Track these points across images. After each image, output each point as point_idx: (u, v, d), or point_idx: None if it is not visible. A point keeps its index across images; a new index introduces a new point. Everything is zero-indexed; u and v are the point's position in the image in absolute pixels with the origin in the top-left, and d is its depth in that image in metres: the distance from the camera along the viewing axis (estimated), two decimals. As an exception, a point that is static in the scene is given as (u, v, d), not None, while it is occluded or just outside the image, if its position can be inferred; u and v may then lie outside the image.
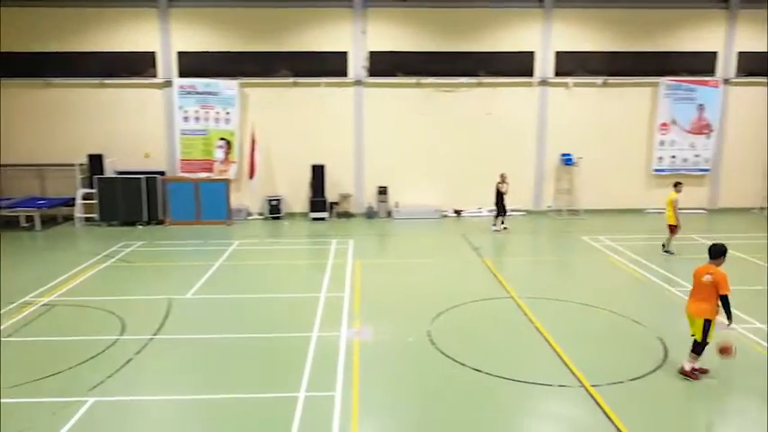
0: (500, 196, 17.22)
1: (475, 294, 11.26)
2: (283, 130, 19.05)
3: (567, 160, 19.45)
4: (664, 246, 14.59)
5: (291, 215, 19.33)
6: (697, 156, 20.05)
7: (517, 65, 19.26)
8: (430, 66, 19.10)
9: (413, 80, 19.06)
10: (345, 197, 19.44)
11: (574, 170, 19.59)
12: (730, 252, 8.25)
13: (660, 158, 19.94)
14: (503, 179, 17.31)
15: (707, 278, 7.75)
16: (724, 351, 7.62)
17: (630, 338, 9.40)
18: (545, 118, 19.55)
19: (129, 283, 12.21)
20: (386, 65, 19.05)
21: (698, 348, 7.76)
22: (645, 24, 19.26)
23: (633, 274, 12.94)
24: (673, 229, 14.36)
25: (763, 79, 19.77)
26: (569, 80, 19.36)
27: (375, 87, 19.07)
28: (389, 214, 19.40)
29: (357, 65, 18.93)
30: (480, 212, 19.65)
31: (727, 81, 19.74)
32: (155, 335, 9.33)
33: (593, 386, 7.59)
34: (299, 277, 13.02)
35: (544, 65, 19.28)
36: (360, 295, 11.29)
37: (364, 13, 18.62)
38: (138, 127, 18.88)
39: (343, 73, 18.99)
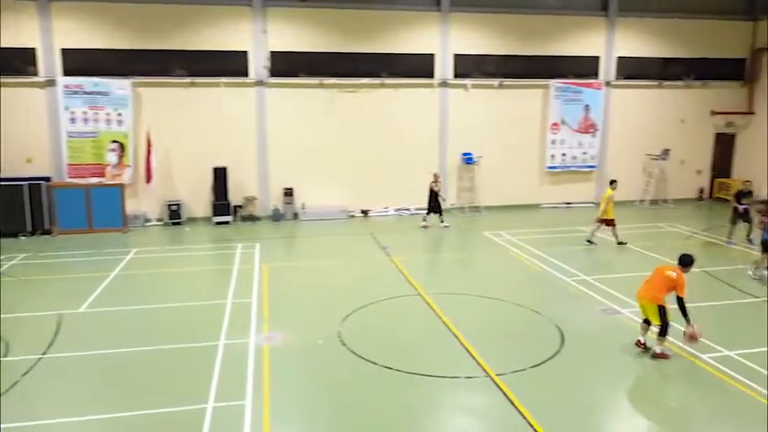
0: (433, 195, 17.75)
1: (384, 293, 11.40)
2: (182, 132, 18.28)
3: (467, 159, 20.16)
4: (616, 238, 15.51)
5: (193, 220, 18.61)
6: (585, 153, 21.47)
7: (418, 66, 19.70)
8: (333, 66, 19.09)
9: (316, 81, 18.96)
10: (250, 200, 18.99)
11: (475, 169, 20.34)
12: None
13: (552, 156, 21.17)
14: (436, 179, 17.88)
15: (671, 274, 8.51)
16: (692, 338, 8.32)
17: (531, 328, 9.90)
18: (446, 118, 20.15)
19: (11, 300, 11.19)
20: (288, 65, 18.81)
21: (663, 331, 8.49)
22: (536, 30, 20.36)
23: (532, 266, 13.64)
24: (611, 222, 15.38)
25: (639, 82, 21.55)
26: (468, 82, 20.08)
27: (277, 88, 18.78)
28: (296, 216, 19.19)
29: (258, 65, 18.55)
30: (387, 212, 19.93)
31: (608, 83, 21.31)
32: (44, 354, 8.64)
33: (498, 375, 7.92)
34: (203, 284, 12.55)
35: (443, 67, 19.86)
36: (268, 299, 11.08)
37: (264, 12, 18.27)
38: (19, 129, 17.36)
39: (244, 73, 18.53)
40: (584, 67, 21.09)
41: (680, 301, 8.34)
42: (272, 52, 18.57)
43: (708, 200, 22.95)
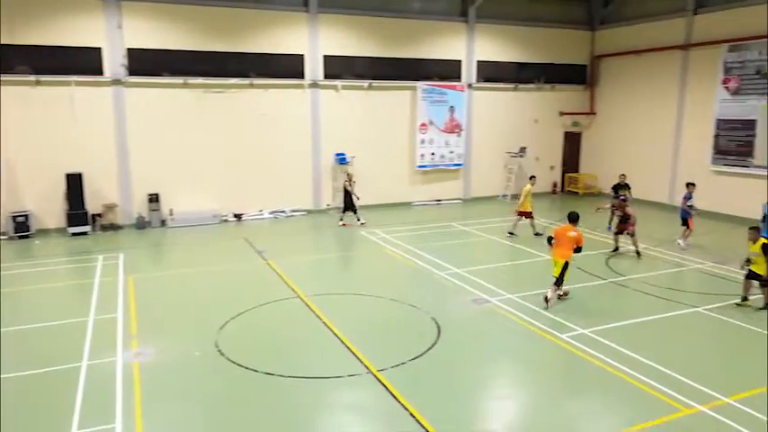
0: (348, 194, 17.96)
1: (262, 298, 11.14)
2: (28, 136, 16.49)
3: (341, 159, 20.31)
4: (534, 229, 16.53)
5: (44, 232, 16.89)
6: (452, 152, 22.54)
7: (288, 67, 19.48)
8: (198, 66, 18.27)
9: (180, 80, 18.05)
10: (110, 207, 17.63)
11: (348, 169, 20.52)
12: (483, 236, 9.36)
13: (422, 156, 21.97)
14: (349, 178, 18.12)
15: (572, 234, 10.67)
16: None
17: (408, 322, 10.20)
18: (318, 119, 20.13)
19: None
20: (149, 63, 17.70)
21: (559, 282, 10.69)
22: (402, 33, 21.00)
23: (407, 262, 14.06)
24: (529, 214, 16.31)
25: (498, 84, 23.04)
26: (338, 83, 20.22)
27: (137, 87, 17.61)
28: (163, 223, 18.15)
29: (114, 62, 17.27)
30: (262, 215, 19.50)
31: (470, 86, 22.54)
32: None
33: (380, 371, 8.07)
34: (60, 301, 11.44)
35: (314, 68, 19.83)
36: (136, 313, 10.37)
37: (118, 6, 17.05)
38: None
39: (98, 71, 17.16)
40: (448, 70, 22.12)
41: (578, 249, 10.69)
42: (129, 49, 17.38)
43: (560, 193, 25.13)
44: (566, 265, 10.61)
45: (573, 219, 11.07)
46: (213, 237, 17.09)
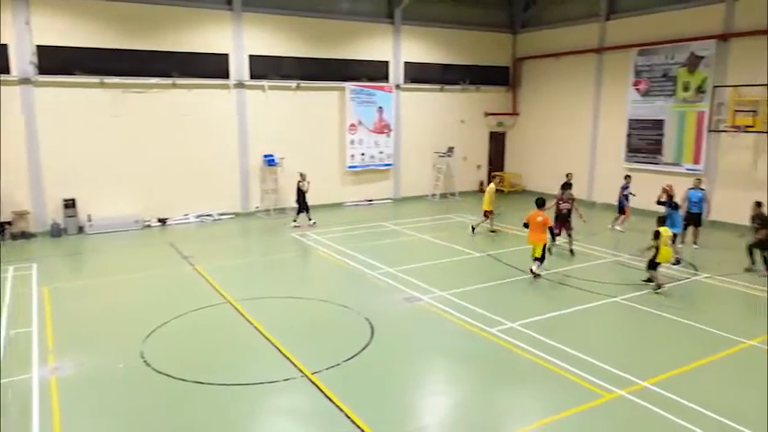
0: (301, 194, 17.76)
1: (189, 305, 10.78)
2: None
3: (269, 161, 19.99)
4: (492, 228, 17.07)
5: (-54, 243, 15.64)
6: (381, 152, 22.68)
7: (212, 66, 18.94)
8: (116, 64, 17.43)
9: (95, 79, 17.16)
10: (21, 215, 16.52)
11: (277, 170, 20.24)
12: (415, 235, 9.46)
13: (352, 156, 21.97)
14: (303, 178, 17.79)
15: (540, 218, 12.26)
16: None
17: (341, 323, 10.18)
18: (245, 120, 19.71)
19: None
20: (61, 61, 16.72)
21: (541, 260, 12.33)
22: (329, 34, 20.92)
23: (339, 263, 14.02)
24: (488, 213, 16.70)
25: (424, 85, 23.39)
26: (265, 83, 19.89)
27: (49, 87, 16.58)
28: (81, 230, 17.21)
29: (23, 60, 16.21)
30: (188, 219, 18.88)
31: (398, 87, 22.77)
32: None
33: (314, 374, 8.00)
34: (-36, 317, 10.61)
35: (239, 67, 19.40)
36: (52, 326, 9.77)
37: (26, 0, 16.02)
38: None
39: (5, 69, 16.04)
40: (376, 71, 22.25)
41: (550, 230, 12.54)
42: (38, 46, 16.36)
43: (487, 191, 25.81)
44: (545, 247, 12.34)
45: (540, 204, 12.67)
46: (136, 243, 16.38)
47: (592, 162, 22.20)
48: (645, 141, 20.26)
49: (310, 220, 18.15)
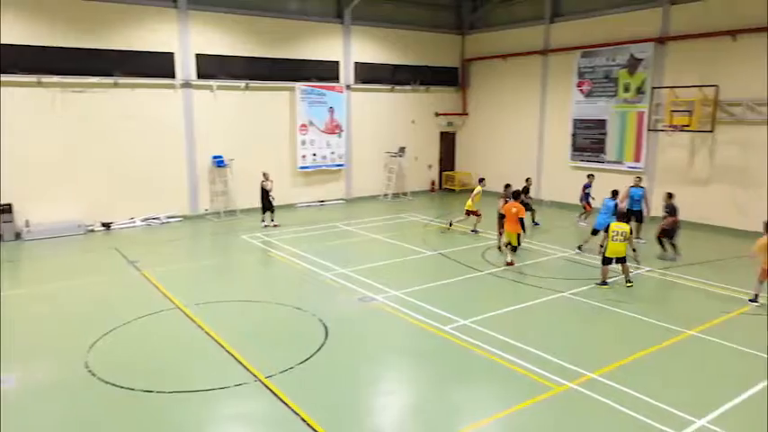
0: (265, 194, 17.60)
1: (137, 311, 10.45)
2: None
3: (218, 162, 19.60)
4: (473, 227, 17.08)
5: None
6: (333, 153, 22.59)
7: (157, 66, 18.42)
8: (54, 63, 16.69)
9: (33, 78, 16.42)
10: (-48, 221, 15.67)
11: (227, 172, 19.87)
12: (368, 235, 9.46)
13: (304, 157, 21.80)
14: (266, 177, 17.69)
15: (514, 210, 13.15)
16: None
17: (295, 325, 10.08)
18: (192, 120, 19.26)
19: None
20: (-7, 59, 15.95)
21: (514, 249, 13.45)
22: (278, 33, 20.68)
23: (292, 265, 13.88)
24: (472, 213, 16.73)
25: (375, 86, 23.44)
26: (213, 83, 19.49)
27: (-19, 86, 15.81)
28: (18, 236, 16.41)
29: (-49, 58, 15.35)
30: (133, 223, 18.30)
31: (348, 87, 22.73)
32: None
33: (267, 378, 7.89)
34: None
35: (185, 67, 18.95)
36: (-12, 338, 9.29)
37: (-46, -6, 15.20)
38: None
39: (-69, 67, 15.18)
40: (327, 71, 22.14)
41: (521, 221, 13.25)
42: (-31, 43, 15.55)
43: (438, 191, 26.12)
44: (519, 236, 13.40)
45: (515, 196, 13.79)
46: (78, 249, 15.75)
47: (539, 161, 22.75)
48: (589, 140, 20.92)
49: (272, 221, 18.01)
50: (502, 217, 14.01)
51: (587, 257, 14.20)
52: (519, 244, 13.65)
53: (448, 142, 26.40)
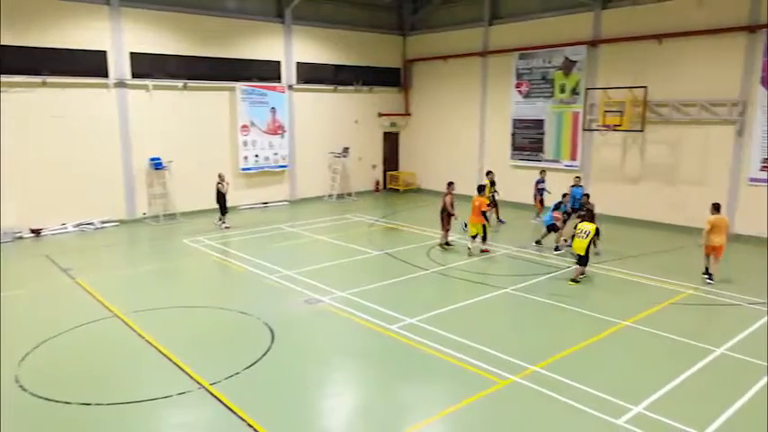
0: (220, 196, 17.58)
1: (71, 321, 9.99)
2: None
3: (156, 164, 18.98)
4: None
5: None
6: (276, 154, 22.29)
7: (88, 64, 17.65)
8: (-26, 60, 15.79)
9: (-49, 77, 15.46)
10: None
11: (165, 174, 19.27)
12: (313, 236, 9.37)
13: (245, 158, 21.41)
14: (221, 179, 17.71)
15: (477, 203, 14.26)
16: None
17: (240, 330, 9.89)
18: (127, 121, 18.56)
19: None
20: None
21: (484, 239, 14.50)
22: (217, 32, 20.22)
23: (235, 268, 13.62)
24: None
25: (318, 86, 23.30)
26: (149, 82, 18.86)
27: None
28: (-62, 245, 15.40)
29: None
30: (65, 229, 17.46)
31: (291, 87, 22.50)
32: None
33: (212, 385, 7.71)
34: None
35: (119, 66, 18.25)
36: None
37: None
38: None
39: None
40: (268, 71, 21.84)
41: (484, 213, 14.32)
42: None
43: (383, 191, 26.23)
44: (484, 227, 14.38)
45: (479, 190, 14.95)
46: (5, 257, 14.87)
47: (481, 160, 23.21)
48: (528, 140, 21.52)
49: (224, 222, 17.82)
50: (444, 212, 14.75)
51: (530, 254, 14.61)
52: (486, 233, 14.54)
53: (391, 142, 26.55)
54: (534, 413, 7.13)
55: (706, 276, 12.25)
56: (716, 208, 12.19)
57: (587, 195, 15.44)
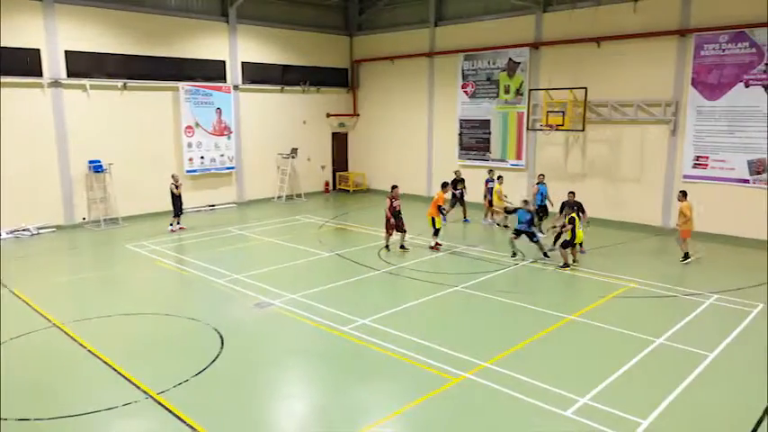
0: (175, 198, 17.33)
1: (7, 332, 9.49)
2: None
3: (96, 167, 18.27)
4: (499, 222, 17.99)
5: None
6: (222, 155, 21.85)
7: (20, 63, 16.81)
8: None
9: None
10: None
11: (106, 177, 18.57)
12: (262, 238, 9.21)
13: (191, 160, 20.89)
14: (175, 180, 17.41)
15: (436, 197, 14.98)
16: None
17: (188, 336, 9.65)
18: (63, 122, 17.79)
19: None
20: None
21: (436, 233, 15.04)
22: (158, 30, 19.64)
23: (182, 273, 13.27)
24: (497, 210, 17.49)
25: (264, 86, 22.99)
26: (86, 82, 18.13)
27: None
28: None
29: None
30: (-3, 236, 16.60)
31: (236, 87, 22.10)
32: None
33: (160, 393, 7.48)
34: None
35: (54, 64, 17.46)
36: None
37: None
38: None
39: None
40: (213, 71, 21.38)
41: (439, 208, 14.95)
42: None
43: (333, 192, 26.13)
44: (434, 219, 14.87)
45: (442, 186, 15.51)
46: (-69, 267, 14.02)
47: (429, 160, 23.46)
48: (474, 140, 21.88)
49: (178, 224, 17.54)
50: (391, 217, 14.66)
51: (475, 252, 14.86)
52: (437, 228, 14.94)
53: (340, 143, 26.48)
54: (487, 409, 7.25)
55: (687, 261, 13.57)
56: (684, 195, 13.59)
57: (573, 193, 15.12)
